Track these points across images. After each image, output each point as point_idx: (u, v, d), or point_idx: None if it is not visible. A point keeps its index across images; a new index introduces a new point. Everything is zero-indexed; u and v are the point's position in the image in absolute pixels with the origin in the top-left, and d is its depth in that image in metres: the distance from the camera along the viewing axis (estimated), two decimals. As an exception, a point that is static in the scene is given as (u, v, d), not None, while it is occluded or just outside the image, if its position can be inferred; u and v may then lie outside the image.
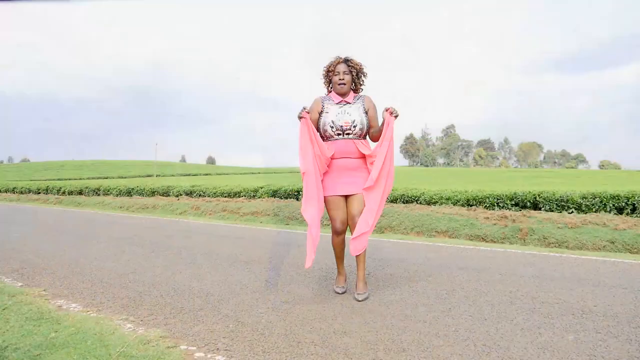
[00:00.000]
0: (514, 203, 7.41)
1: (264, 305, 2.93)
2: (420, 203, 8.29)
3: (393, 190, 9.01)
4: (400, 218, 7.26)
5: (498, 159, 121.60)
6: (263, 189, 11.58)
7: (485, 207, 7.54)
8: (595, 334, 2.36)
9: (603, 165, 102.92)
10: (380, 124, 3.10)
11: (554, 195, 7.10)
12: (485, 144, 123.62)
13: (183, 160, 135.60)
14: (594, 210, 6.71)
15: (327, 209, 3.17)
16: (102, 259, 4.65)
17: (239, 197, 11.99)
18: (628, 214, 6.48)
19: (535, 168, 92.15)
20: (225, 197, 12.31)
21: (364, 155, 3.14)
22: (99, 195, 16.89)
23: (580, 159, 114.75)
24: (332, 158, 3.11)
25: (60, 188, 19.32)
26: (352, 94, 3.19)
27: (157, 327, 2.53)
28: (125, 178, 50.83)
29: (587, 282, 3.49)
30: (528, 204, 7.28)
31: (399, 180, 20.50)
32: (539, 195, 7.24)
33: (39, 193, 20.38)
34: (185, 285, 3.47)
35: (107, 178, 51.70)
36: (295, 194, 10.65)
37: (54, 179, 43.90)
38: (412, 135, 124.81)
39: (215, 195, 12.64)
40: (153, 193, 14.95)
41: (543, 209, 7.10)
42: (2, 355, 2.07)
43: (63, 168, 72.29)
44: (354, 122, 3.09)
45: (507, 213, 6.75)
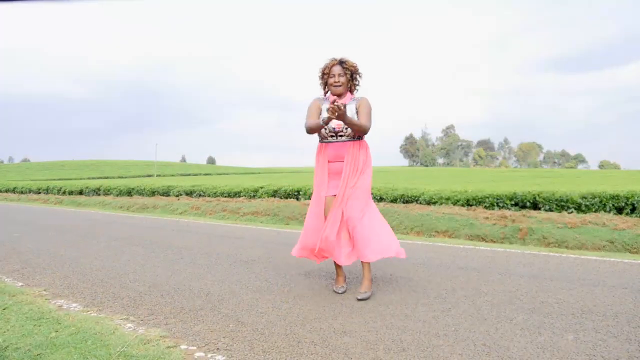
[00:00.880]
0: (514, 203, 7.42)
1: (264, 305, 2.93)
2: (420, 203, 8.30)
3: (393, 190, 9.00)
4: (400, 218, 7.26)
5: (498, 159, 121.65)
6: (263, 189, 11.58)
7: (485, 207, 7.54)
8: (595, 334, 2.36)
9: (603, 165, 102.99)
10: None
11: (554, 195, 7.10)
12: (485, 144, 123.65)
13: (183, 160, 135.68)
14: (594, 210, 6.72)
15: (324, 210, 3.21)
16: (102, 259, 4.66)
17: (239, 197, 11.99)
18: (628, 214, 6.48)
19: (535, 168, 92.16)
20: (225, 197, 12.31)
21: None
22: (99, 195, 16.89)
23: (580, 159, 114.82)
24: (328, 161, 3.16)
25: (61, 188, 19.34)
26: (348, 96, 3.19)
27: (157, 327, 2.53)
28: (125, 178, 50.86)
29: (587, 282, 3.50)
30: (528, 204, 7.28)
31: (399, 180, 20.51)
32: (539, 195, 7.24)
33: (39, 193, 20.38)
34: (185, 285, 3.47)
35: (107, 178, 51.73)
36: (295, 194, 10.65)
37: (54, 179, 43.91)
38: (412, 135, 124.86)
39: (215, 195, 12.65)
40: (153, 193, 14.96)
41: (543, 209, 7.10)
42: (2, 355, 2.07)
43: (63, 168, 72.33)
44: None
45: (506, 213, 6.75)
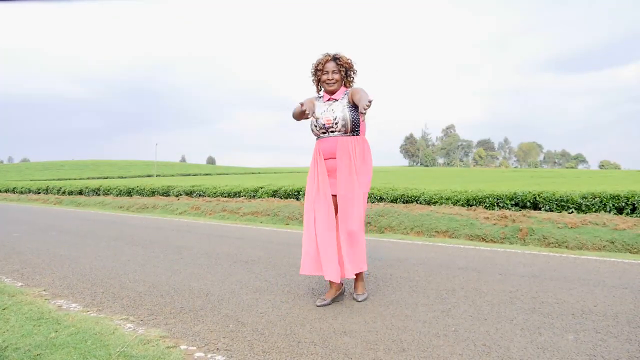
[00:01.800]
0: (514, 203, 7.41)
1: (264, 305, 2.93)
2: (420, 203, 8.29)
3: (393, 190, 9.00)
4: (400, 218, 7.26)
5: (498, 159, 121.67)
6: (263, 189, 11.58)
7: (485, 207, 7.54)
8: (595, 334, 2.36)
9: (603, 165, 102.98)
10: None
11: (554, 195, 7.10)
12: (485, 144, 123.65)
13: (183, 160, 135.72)
14: (594, 210, 6.71)
15: None
16: (102, 259, 4.65)
17: (239, 197, 11.99)
18: (628, 214, 6.48)
19: (535, 168, 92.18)
20: (225, 197, 12.32)
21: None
22: (99, 195, 16.89)
23: (580, 159, 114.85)
24: (324, 159, 3.05)
25: (60, 188, 19.34)
26: (341, 90, 3.06)
27: (157, 327, 2.53)
28: (125, 178, 50.88)
29: (587, 282, 3.49)
30: (528, 204, 7.28)
31: (399, 180, 20.52)
32: (539, 195, 7.24)
33: (39, 193, 20.38)
34: (185, 285, 3.47)
35: (107, 178, 51.77)
36: (296, 194, 10.65)
37: (54, 179, 43.93)
38: (412, 135, 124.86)
39: (215, 195, 12.65)
40: (153, 193, 14.96)
41: (543, 209, 7.10)
42: (2, 355, 2.07)
43: (63, 168, 72.39)
44: (336, 118, 2.96)
45: (507, 213, 6.75)
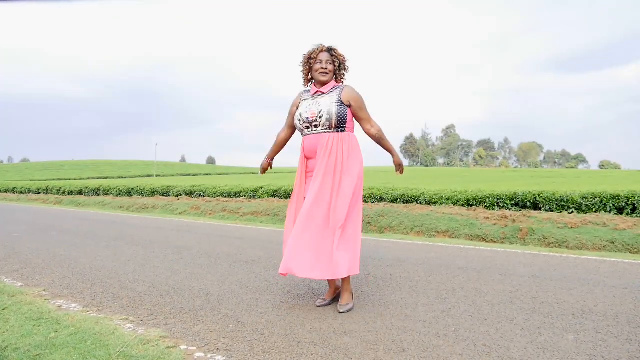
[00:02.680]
0: (514, 203, 7.41)
1: (264, 305, 2.92)
2: (420, 203, 8.29)
3: (393, 190, 8.99)
4: (400, 218, 7.26)
5: (498, 159, 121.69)
6: (263, 189, 11.58)
7: (485, 207, 7.54)
8: (595, 334, 2.36)
9: (603, 165, 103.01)
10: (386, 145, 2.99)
11: (554, 195, 7.10)
12: (485, 144, 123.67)
13: (183, 160, 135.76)
14: (594, 210, 6.71)
15: None
16: (102, 259, 4.65)
17: (239, 197, 11.99)
18: (628, 214, 6.48)
19: (535, 168, 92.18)
20: (225, 197, 12.32)
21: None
22: (99, 195, 16.90)
23: (580, 159, 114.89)
24: (307, 158, 2.90)
25: (60, 188, 19.35)
26: (331, 84, 2.88)
27: (157, 327, 2.53)
28: (125, 178, 50.91)
29: (587, 282, 3.49)
30: (528, 204, 7.28)
31: (400, 180, 20.50)
32: (539, 195, 7.24)
33: (39, 193, 20.39)
34: (185, 285, 3.47)
35: (107, 178, 51.81)
36: (295, 194, 10.65)
37: (54, 179, 43.95)
38: (412, 135, 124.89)
39: (215, 195, 12.65)
40: (153, 193, 14.96)
41: (543, 209, 7.10)
42: (2, 355, 2.07)
43: (63, 168, 72.44)
44: (321, 112, 2.76)
45: (507, 213, 6.75)
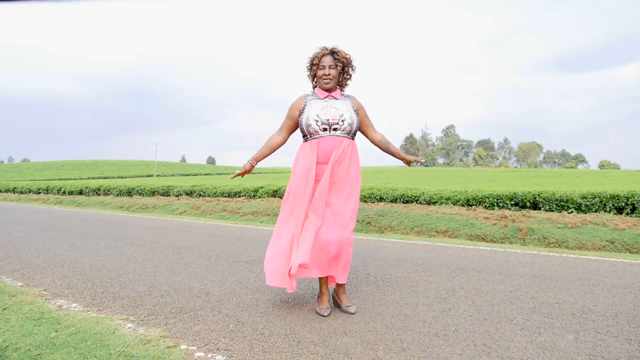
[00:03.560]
0: (514, 203, 7.42)
1: (264, 305, 2.93)
2: (420, 203, 8.30)
3: (393, 190, 9.00)
4: (400, 218, 7.26)
5: (498, 159, 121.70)
6: (263, 189, 11.58)
7: (485, 207, 7.55)
8: (595, 334, 2.36)
9: (603, 165, 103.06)
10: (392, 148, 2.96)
11: (554, 195, 7.11)
12: (485, 144, 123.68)
13: (183, 160, 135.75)
14: (594, 210, 6.72)
15: None
16: (102, 259, 4.65)
17: (239, 197, 12.00)
18: (628, 214, 6.48)
19: (535, 168, 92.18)
20: (225, 197, 12.32)
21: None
22: (99, 195, 16.90)
23: (580, 159, 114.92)
24: (317, 163, 2.75)
25: (61, 188, 19.35)
26: (338, 90, 2.86)
27: (157, 327, 2.53)
28: (125, 178, 50.92)
29: (586, 282, 3.50)
30: (528, 204, 7.28)
31: (399, 180, 20.51)
32: (539, 195, 7.24)
33: (39, 193, 20.39)
34: (185, 285, 3.47)
35: (107, 178, 51.82)
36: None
37: (54, 179, 43.97)
38: (412, 135, 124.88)
39: (215, 195, 12.65)
40: (153, 193, 14.96)
41: (543, 209, 7.10)
42: (2, 355, 2.07)
43: (63, 168, 72.45)
44: (342, 116, 2.74)
45: (507, 213, 6.75)
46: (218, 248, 5.39)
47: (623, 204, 6.56)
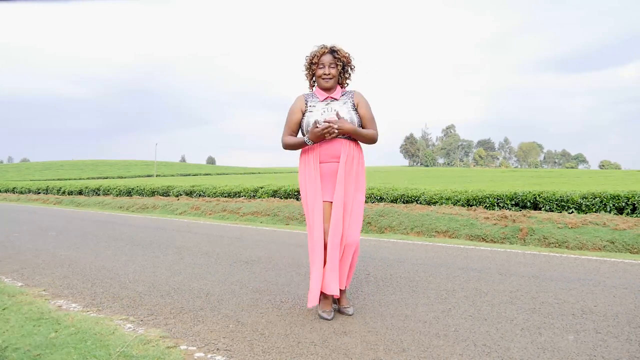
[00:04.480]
0: (514, 203, 7.41)
1: (264, 305, 2.92)
2: (420, 203, 8.29)
3: (393, 190, 9.00)
4: (400, 218, 7.26)
5: (498, 159, 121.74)
6: (263, 189, 11.58)
7: (485, 207, 7.54)
8: (595, 334, 2.36)
9: (603, 165, 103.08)
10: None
11: (554, 195, 7.10)
12: (485, 144, 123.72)
13: (183, 160, 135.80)
14: (594, 210, 6.71)
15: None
16: (102, 259, 4.65)
17: (239, 197, 11.99)
18: (628, 214, 6.48)
19: (536, 168, 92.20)
20: (225, 197, 12.32)
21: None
22: (99, 195, 16.89)
23: (581, 159, 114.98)
24: (320, 162, 2.74)
25: (60, 188, 19.35)
26: (338, 89, 2.80)
27: (157, 327, 2.53)
28: (125, 178, 50.93)
29: (587, 282, 3.49)
30: (528, 204, 7.28)
31: (399, 180, 20.51)
32: (539, 195, 7.24)
33: (39, 193, 20.39)
34: (185, 285, 3.47)
35: (107, 178, 51.81)
36: (296, 194, 10.65)
37: (54, 179, 43.96)
38: (412, 135, 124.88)
39: (215, 195, 12.65)
40: (153, 193, 14.96)
41: (543, 209, 7.10)
42: (2, 355, 2.07)
43: (63, 168, 72.47)
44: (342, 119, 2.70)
45: (507, 213, 6.75)
46: (218, 248, 5.39)
47: (623, 204, 6.56)
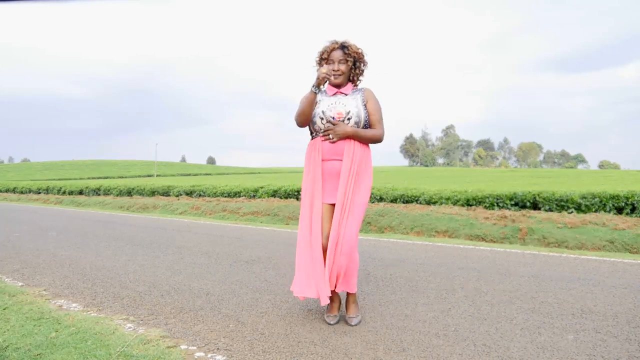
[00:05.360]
0: (514, 203, 7.41)
1: (264, 305, 2.93)
2: (420, 203, 8.30)
3: (393, 190, 9.00)
4: (400, 218, 7.26)
5: (498, 159, 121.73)
6: (263, 189, 11.58)
7: (485, 207, 7.54)
8: (595, 334, 2.36)
9: (603, 165, 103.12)
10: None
11: (554, 195, 7.11)
12: (485, 144, 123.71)
13: (183, 160, 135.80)
14: (594, 210, 6.72)
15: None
16: (102, 259, 4.65)
17: (239, 197, 11.99)
18: (627, 214, 6.48)
19: (535, 168, 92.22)
20: (225, 197, 12.32)
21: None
22: (99, 195, 16.89)
23: (580, 159, 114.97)
24: (322, 160, 2.63)
25: (61, 188, 19.35)
26: (350, 86, 2.71)
27: (157, 327, 2.53)
28: (126, 178, 50.95)
29: (586, 281, 3.50)
30: (528, 204, 7.28)
31: (399, 180, 20.51)
32: (539, 195, 7.24)
33: (39, 193, 20.39)
34: (186, 285, 3.47)
35: (107, 178, 51.82)
36: (295, 194, 10.65)
37: (54, 179, 43.97)
38: (412, 135, 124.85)
39: (215, 195, 12.65)
40: (153, 193, 14.96)
41: (543, 209, 7.10)
42: (2, 355, 2.07)
43: (63, 168, 72.49)
44: (349, 113, 2.59)
45: (506, 213, 6.75)
46: (218, 248, 5.39)
47: (623, 204, 6.56)
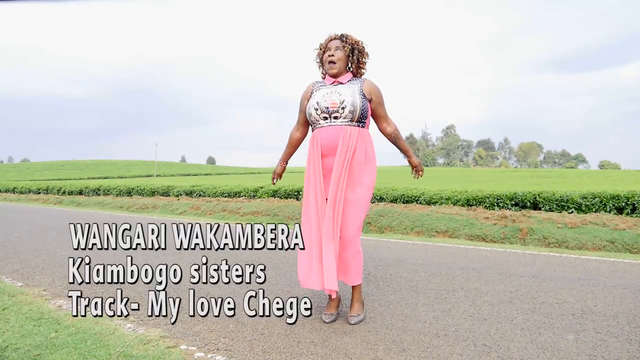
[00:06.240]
0: (514, 203, 7.41)
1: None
2: (420, 203, 8.29)
3: (393, 190, 8.99)
4: (400, 218, 7.26)
5: (498, 159, 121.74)
6: (263, 189, 11.59)
7: (485, 207, 7.54)
8: (595, 334, 2.36)
9: (603, 165, 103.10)
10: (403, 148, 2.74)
11: (554, 195, 7.11)
12: (485, 144, 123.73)
13: (183, 160, 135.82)
14: (594, 210, 6.71)
15: None
16: (102, 259, 4.65)
17: (239, 197, 12.00)
18: (628, 214, 6.48)
19: (535, 168, 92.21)
20: (225, 197, 12.32)
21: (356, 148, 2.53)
22: (99, 195, 16.90)
23: (580, 159, 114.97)
24: (323, 156, 2.56)
25: (60, 188, 19.35)
26: (348, 75, 2.63)
27: (157, 327, 2.53)
28: (125, 178, 50.95)
29: (587, 282, 3.49)
30: (528, 204, 7.28)
31: (399, 180, 20.51)
32: (539, 195, 7.24)
33: (39, 193, 20.39)
34: (186, 285, 3.46)
35: (107, 178, 51.84)
36: (295, 194, 10.65)
37: (54, 179, 43.99)
38: (412, 135, 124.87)
39: (215, 195, 12.65)
40: (153, 193, 14.96)
41: (543, 209, 7.10)
42: (2, 356, 2.07)
43: (63, 168, 72.52)
44: (343, 102, 2.49)
45: (507, 213, 6.75)
46: (218, 248, 5.39)
47: (623, 204, 6.56)
